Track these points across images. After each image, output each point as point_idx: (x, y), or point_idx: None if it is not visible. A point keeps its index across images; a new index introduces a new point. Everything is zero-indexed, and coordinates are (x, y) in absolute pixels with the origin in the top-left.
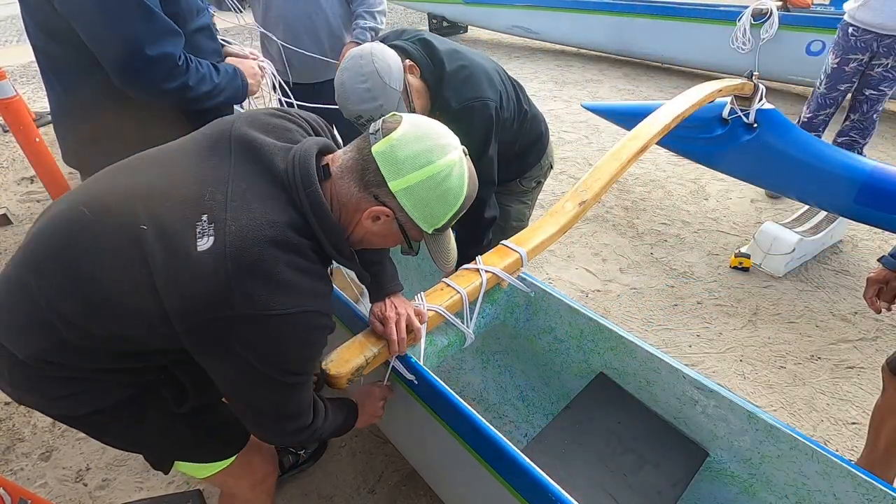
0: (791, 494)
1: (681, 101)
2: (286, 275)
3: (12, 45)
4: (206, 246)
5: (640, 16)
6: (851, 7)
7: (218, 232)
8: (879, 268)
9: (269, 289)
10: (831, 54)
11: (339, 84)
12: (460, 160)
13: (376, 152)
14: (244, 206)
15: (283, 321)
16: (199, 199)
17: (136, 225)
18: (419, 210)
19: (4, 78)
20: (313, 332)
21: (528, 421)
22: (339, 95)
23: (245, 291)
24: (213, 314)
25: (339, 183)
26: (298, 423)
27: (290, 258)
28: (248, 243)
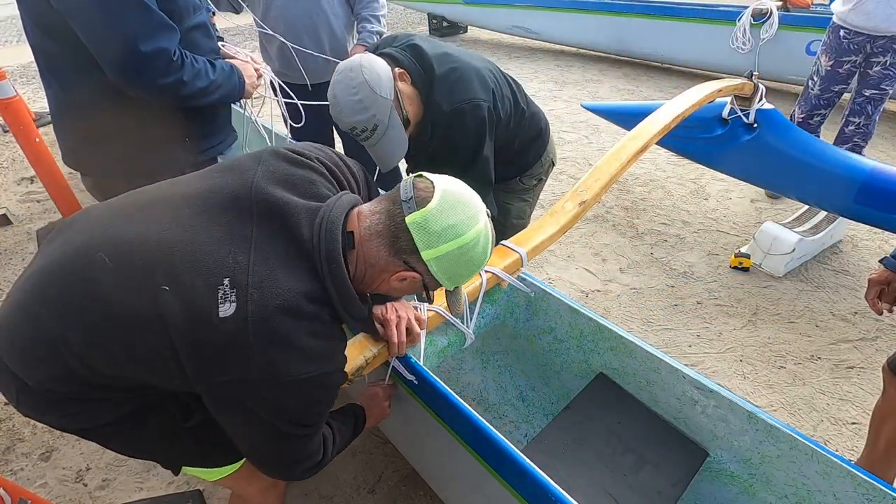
0: (791, 494)
1: (681, 101)
2: (306, 342)
3: (12, 45)
4: (228, 312)
5: (639, 16)
6: (841, 10)
7: (240, 298)
8: (881, 269)
9: (288, 356)
10: (823, 56)
11: (331, 97)
12: (486, 225)
13: (411, 223)
14: (268, 272)
15: (301, 384)
16: (222, 261)
17: (156, 284)
18: (446, 274)
19: (4, 78)
20: (329, 390)
21: (528, 421)
22: (332, 108)
23: (266, 359)
24: (232, 377)
25: (368, 245)
26: (307, 465)
27: (311, 326)
28: (270, 312)
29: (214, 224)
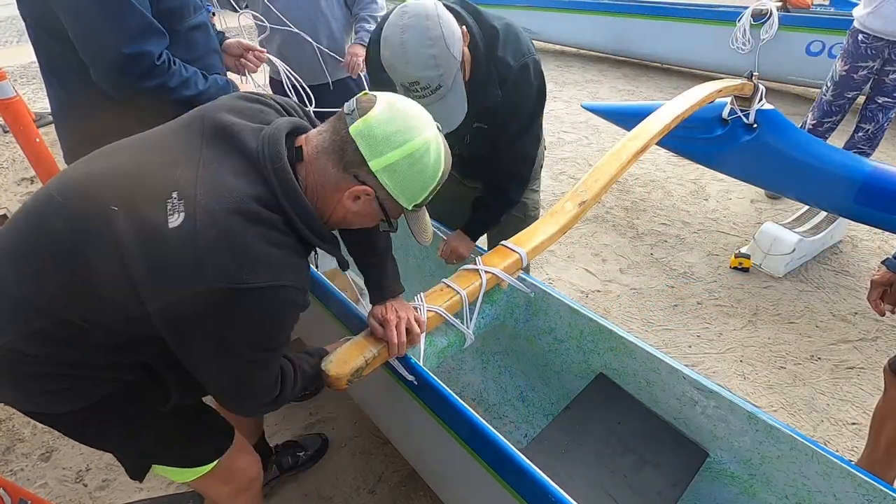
0: (791, 495)
1: (681, 101)
2: (259, 247)
3: (12, 45)
4: (177, 222)
5: (639, 16)
6: (861, 14)
7: (188, 207)
8: (883, 270)
9: (240, 261)
10: (840, 61)
11: (398, 43)
12: (436, 137)
13: (354, 132)
14: (216, 181)
15: (254, 296)
16: (169, 177)
17: (106, 206)
18: (399, 187)
19: (4, 78)
20: (285, 309)
21: (528, 421)
22: (395, 55)
23: (216, 265)
24: (184, 290)
25: (315, 164)
26: (263, 399)
27: (262, 231)
28: (219, 216)
29: (165, 150)
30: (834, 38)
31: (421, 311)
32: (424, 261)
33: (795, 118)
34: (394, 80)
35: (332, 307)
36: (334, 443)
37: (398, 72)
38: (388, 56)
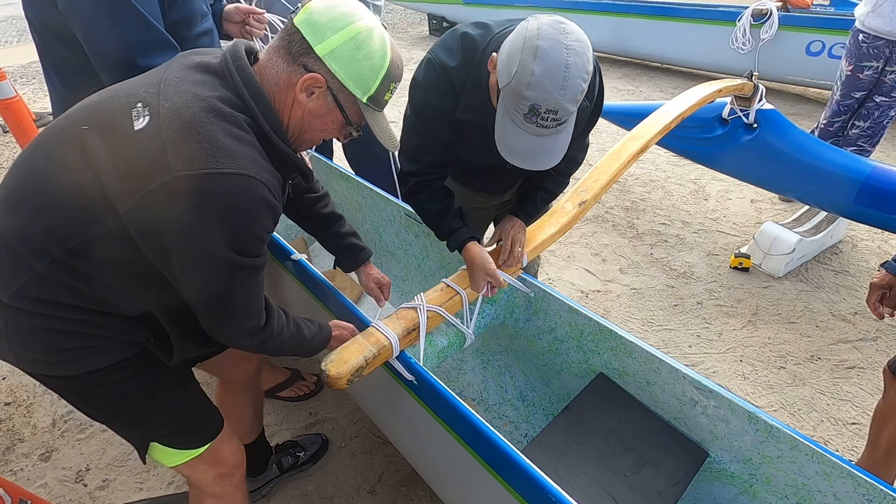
0: (791, 495)
1: (681, 101)
2: (221, 138)
3: (12, 45)
4: (142, 125)
5: (640, 16)
6: (862, 13)
7: (153, 110)
8: (883, 272)
9: (204, 150)
10: (844, 61)
11: (562, 65)
12: (379, 27)
13: (298, 22)
14: (177, 89)
15: (222, 182)
16: (134, 93)
17: (78, 129)
18: (348, 72)
19: (4, 78)
20: (257, 203)
21: (528, 421)
22: (554, 76)
23: (180, 153)
24: (152, 183)
25: (269, 64)
26: (250, 324)
27: (225, 125)
28: (182, 112)
29: (132, 82)
30: (834, 38)
31: (421, 312)
32: (424, 261)
33: (795, 118)
34: (522, 95)
35: (331, 307)
36: (334, 443)
37: (545, 94)
38: (539, 73)
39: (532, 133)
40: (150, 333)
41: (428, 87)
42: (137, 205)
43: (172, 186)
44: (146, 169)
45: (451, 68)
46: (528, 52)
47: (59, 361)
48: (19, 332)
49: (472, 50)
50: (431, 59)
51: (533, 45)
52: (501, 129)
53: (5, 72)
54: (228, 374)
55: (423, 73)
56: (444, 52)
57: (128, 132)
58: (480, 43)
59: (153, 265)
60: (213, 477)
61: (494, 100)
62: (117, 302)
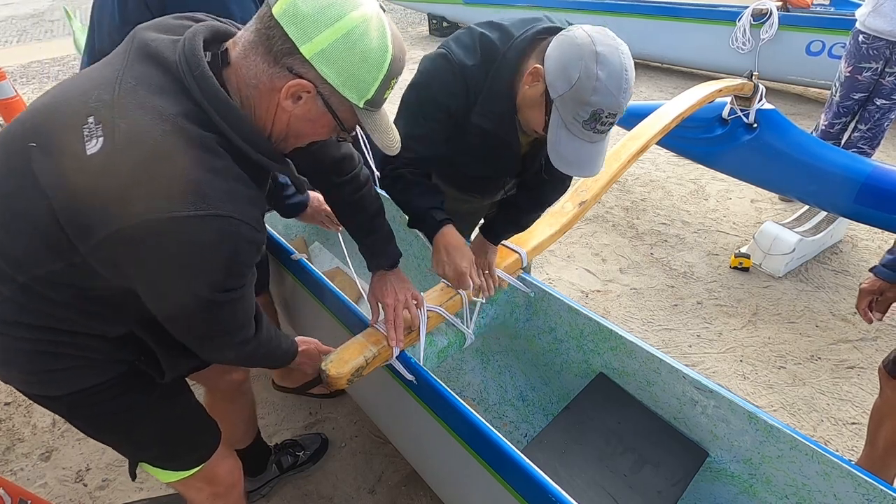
0: (791, 495)
1: (681, 101)
2: (191, 172)
3: (12, 45)
4: (95, 148)
5: (640, 16)
6: (863, 14)
7: (107, 130)
8: (872, 278)
9: (170, 187)
10: (844, 62)
11: (621, 68)
12: (378, 14)
13: (278, 13)
14: (134, 100)
15: (192, 226)
16: (84, 103)
17: (26, 147)
18: (342, 77)
19: (4, 78)
20: (234, 243)
21: (528, 421)
22: (617, 79)
23: (143, 193)
24: (110, 226)
25: (244, 64)
26: (238, 337)
27: (195, 153)
28: (143, 137)
29: (88, 78)
30: (834, 38)
31: (421, 312)
32: (424, 260)
33: (795, 118)
34: (585, 101)
35: (331, 307)
36: (334, 443)
37: (609, 97)
38: (605, 77)
39: (587, 140)
40: (139, 352)
41: (441, 81)
42: (98, 248)
43: (135, 233)
44: (103, 208)
45: (467, 66)
46: (590, 58)
47: (43, 382)
48: (2, 352)
49: (492, 52)
50: (447, 54)
51: (592, 51)
52: (556, 140)
53: (5, 72)
54: (214, 384)
55: (437, 67)
56: (462, 50)
57: (79, 156)
58: (500, 46)
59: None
60: (206, 496)
61: (529, 114)
62: (96, 324)
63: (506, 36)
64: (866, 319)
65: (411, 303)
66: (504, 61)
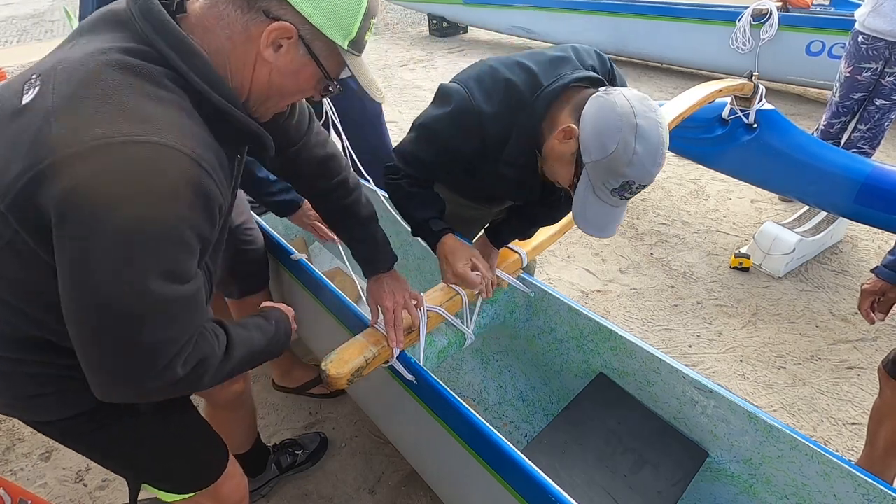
0: (791, 495)
1: (681, 101)
2: (124, 95)
3: (12, 45)
4: (31, 97)
5: (639, 16)
6: (862, 14)
7: (45, 81)
8: (874, 279)
9: (97, 112)
10: (843, 62)
11: (659, 141)
12: None
13: None
14: (78, 51)
15: (118, 154)
16: (37, 66)
17: None
18: (323, 14)
19: (4, 78)
20: (175, 183)
21: (528, 421)
22: (653, 154)
23: (66, 121)
24: (29, 171)
25: (211, 14)
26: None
27: (136, 82)
28: (75, 72)
29: None
30: (834, 38)
31: (421, 312)
32: (424, 261)
33: (795, 118)
34: (618, 172)
35: (331, 307)
36: (334, 443)
37: (643, 171)
38: (642, 151)
39: (612, 205)
40: None
41: (457, 125)
42: (15, 204)
43: (53, 172)
44: (24, 153)
45: (485, 113)
46: (629, 130)
47: (29, 408)
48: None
49: (518, 101)
50: (465, 95)
51: (632, 123)
52: (582, 203)
53: (5, 72)
54: (215, 397)
55: (456, 109)
56: (482, 94)
57: (14, 109)
58: (528, 95)
59: None
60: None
61: (556, 168)
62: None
63: (533, 83)
64: (868, 320)
65: (410, 303)
66: (532, 112)
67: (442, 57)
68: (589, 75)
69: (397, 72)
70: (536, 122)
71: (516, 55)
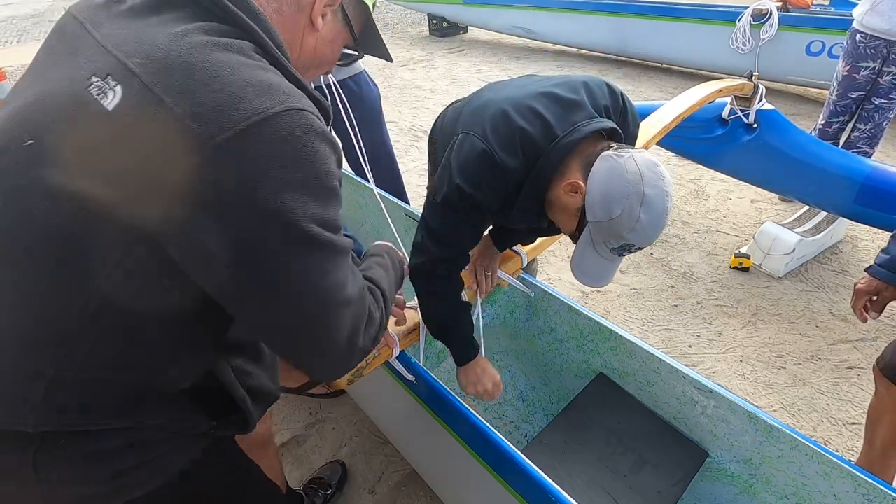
0: (791, 495)
1: (681, 101)
2: (239, 71)
3: (12, 45)
4: (116, 99)
5: (640, 16)
6: (860, 13)
7: (120, 76)
8: (867, 278)
9: (224, 93)
10: (841, 62)
11: (662, 211)
12: None
13: None
14: (134, 39)
15: (267, 130)
16: (75, 74)
17: (21, 143)
18: None
19: (4, 78)
20: (317, 141)
21: (528, 421)
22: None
23: (193, 111)
24: (171, 171)
25: None
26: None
27: (233, 56)
28: (166, 58)
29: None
30: (834, 38)
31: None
32: None
33: (795, 118)
34: (620, 236)
35: None
36: (334, 443)
37: (644, 237)
38: (645, 220)
39: (609, 259)
40: (212, 407)
41: (488, 187)
42: (155, 208)
43: (205, 157)
44: (150, 156)
45: (511, 170)
46: (635, 198)
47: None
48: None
49: (533, 152)
50: (492, 156)
51: (639, 191)
52: (581, 256)
53: (5, 72)
54: (248, 441)
55: (483, 171)
56: (504, 150)
57: (100, 116)
58: (542, 145)
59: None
60: None
61: (560, 217)
62: (172, 370)
63: (547, 133)
64: (861, 319)
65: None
66: (546, 163)
67: (442, 57)
68: (602, 126)
69: (397, 72)
70: (549, 172)
71: (528, 96)
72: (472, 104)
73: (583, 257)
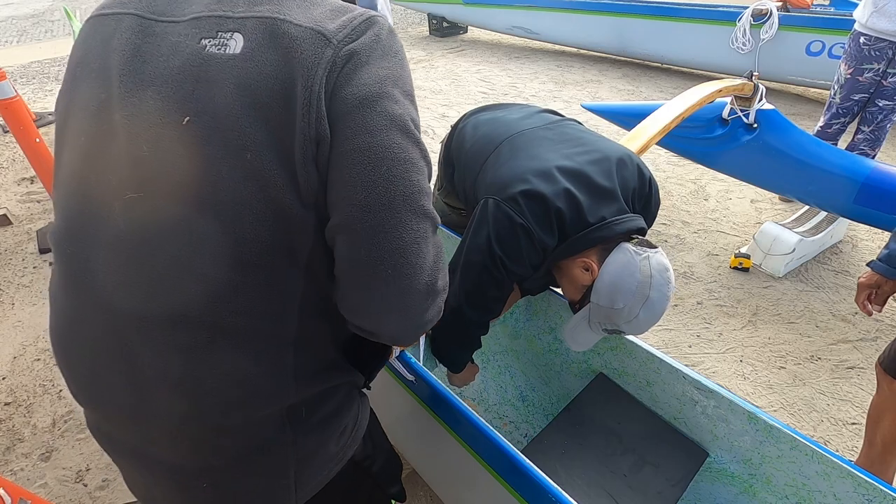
0: (791, 495)
1: (681, 101)
2: None
3: (12, 45)
4: (240, 44)
5: (640, 16)
6: (862, 15)
7: (234, 26)
8: (869, 272)
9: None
10: (843, 64)
11: (660, 312)
12: None
13: None
14: None
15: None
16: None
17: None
18: None
19: (4, 78)
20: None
21: (528, 421)
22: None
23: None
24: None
25: None
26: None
27: None
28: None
29: None
30: (834, 38)
31: None
32: None
33: (795, 118)
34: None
35: None
36: None
37: (638, 330)
38: (643, 318)
39: (597, 333)
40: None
41: (528, 257)
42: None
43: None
44: (289, 63)
45: (548, 246)
46: (639, 298)
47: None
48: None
49: (563, 232)
50: (531, 232)
51: (645, 293)
52: (575, 329)
53: (5, 72)
54: None
55: (523, 246)
56: (542, 230)
57: (234, 60)
58: (571, 230)
59: None
60: None
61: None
62: (335, 329)
63: (579, 219)
64: (865, 312)
65: None
66: (572, 245)
67: (442, 57)
68: (630, 228)
69: None
70: (571, 253)
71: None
72: (501, 158)
73: (577, 329)
